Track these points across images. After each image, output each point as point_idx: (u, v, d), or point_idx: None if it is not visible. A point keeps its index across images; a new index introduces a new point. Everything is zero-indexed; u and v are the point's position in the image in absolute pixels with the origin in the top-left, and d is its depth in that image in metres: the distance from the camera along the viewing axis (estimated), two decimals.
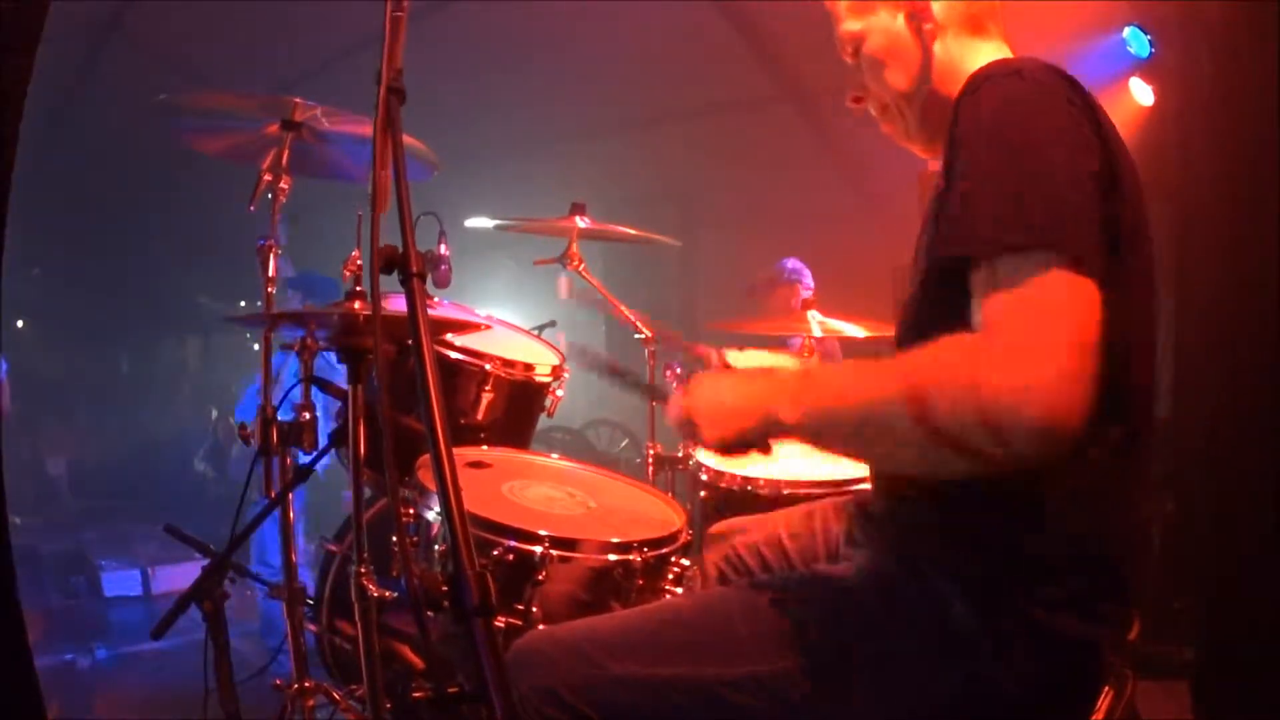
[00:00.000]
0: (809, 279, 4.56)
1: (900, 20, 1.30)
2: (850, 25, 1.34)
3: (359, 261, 2.01)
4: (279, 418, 2.05)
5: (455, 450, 0.93)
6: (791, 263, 4.59)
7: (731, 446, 1.20)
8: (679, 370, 3.45)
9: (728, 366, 1.67)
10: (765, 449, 1.21)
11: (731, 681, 1.18)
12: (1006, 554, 1.12)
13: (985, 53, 1.29)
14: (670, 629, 1.25)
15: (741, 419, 1.18)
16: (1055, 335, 0.96)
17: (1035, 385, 0.93)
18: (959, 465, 1.00)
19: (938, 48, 1.28)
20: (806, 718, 1.16)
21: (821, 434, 1.12)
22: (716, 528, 1.71)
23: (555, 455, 2.25)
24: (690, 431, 1.24)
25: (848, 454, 1.14)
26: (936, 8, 1.28)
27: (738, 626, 1.21)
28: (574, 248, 2.70)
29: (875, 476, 1.34)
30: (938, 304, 1.15)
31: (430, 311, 1.51)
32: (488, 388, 2.25)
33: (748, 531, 1.64)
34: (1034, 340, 0.96)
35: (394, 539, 1.97)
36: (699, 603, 1.32)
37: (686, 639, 1.22)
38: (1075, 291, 0.98)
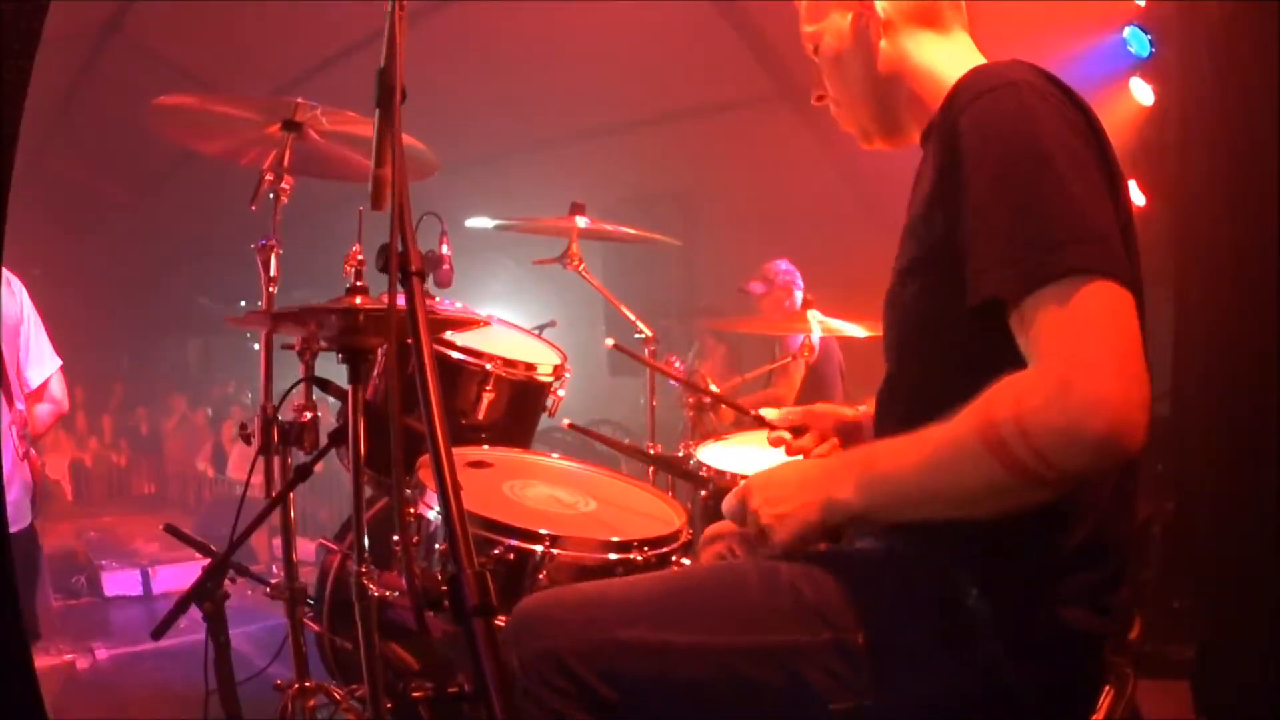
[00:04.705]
0: (799, 279, 4.58)
1: (848, 20, 1.32)
2: (808, 26, 1.37)
3: (359, 256, 2.01)
4: None
5: (456, 450, 0.93)
6: (783, 264, 4.60)
7: (803, 540, 1.18)
8: (678, 364, 3.46)
9: (760, 419, 1.67)
10: (836, 537, 1.21)
11: (743, 651, 1.17)
12: (1019, 547, 1.12)
13: (943, 47, 1.29)
14: (682, 596, 1.24)
15: (805, 511, 1.16)
16: (1105, 347, 0.97)
17: (1096, 399, 0.95)
18: (1034, 496, 1.01)
19: (885, 45, 1.29)
20: (815, 693, 1.15)
21: (885, 500, 1.12)
22: (712, 529, 1.71)
23: (555, 455, 2.25)
24: (758, 533, 1.22)
25: (915, 513, 1.11)
26: (880, 6, 1.29)
27: (752, 597, 1.20)
28: (574, 247, 2.70)
29: None
30: (925, 292, 1.17)
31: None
32: (489, 387, 2.25)
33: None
34: (1086, 356, 0.97)
35: (395, 539, 1.97)
36: (713, 571, 1.31)
37: (698, 606, 1.21)
38: (1115, 302, 1.00)
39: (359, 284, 1.74)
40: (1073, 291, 0.99)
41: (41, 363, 2.90)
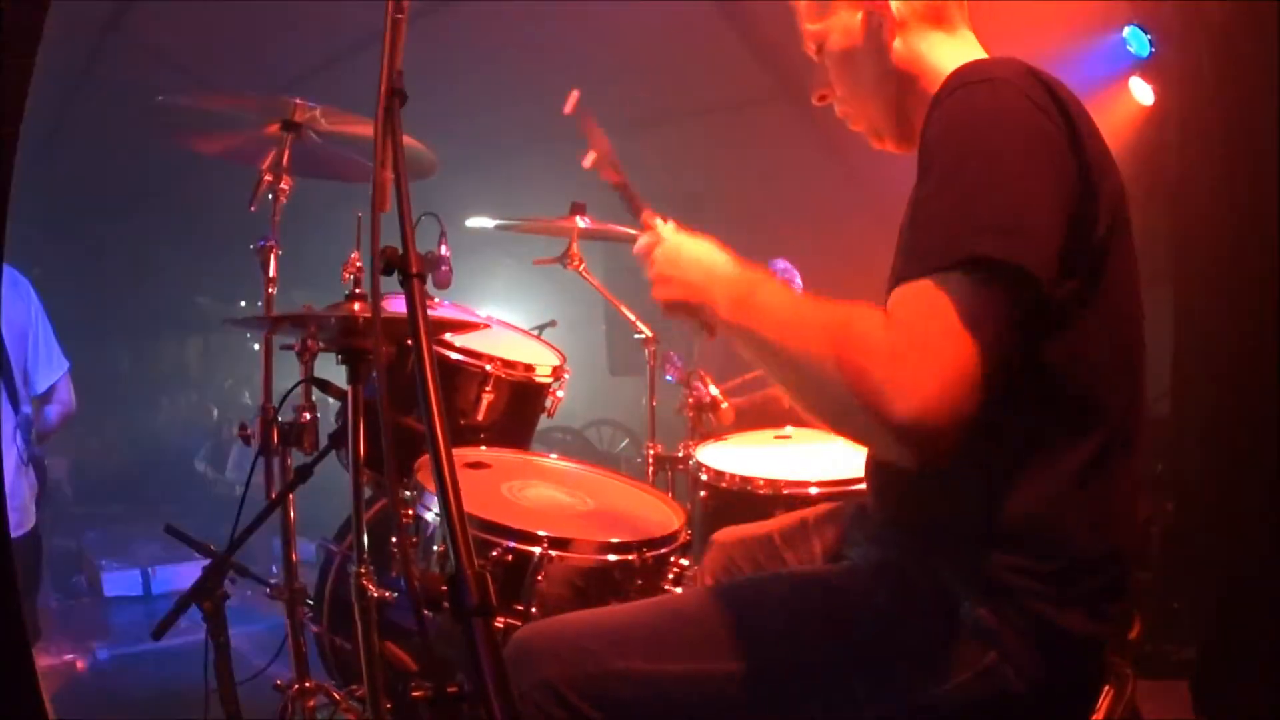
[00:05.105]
0: (798, 278, 4.59)
1: (858, 18, 1.30)
2: (811, 25, 1.35)
3: (359, 263, 2.01)
4: None
5: (455, 451, 0.93)
6: (781, 263, 4.61)
7: (670, 310, 1.28)
8: (678, 362, 3.46)
9: None
10: (703, 326, 1.27)
11: (736, 677, 1.17)
12: (1018, 551, 1.11)
13: (951, 46, 1.28)
14: (674, 623, 1.24)
15: (685, 292, 1.25)
16: (941, 350, 0.98)
17: (906, 389, 0.97)
18: (854, 428, 1.08)
19: (898, 44, 1.28)
20: (811, 714, 1.16)
21: (746, 344, 1.17)
22: (715, 536, 1.71)
23: (555, 455, 2.25)
24: (646, 275, 1.31)
25: (764, 364, 1.18)
26: (894, 5, 1.27)
27: (743, 622, 1.20)
28: (574, 247, 2.70)
29: (874, 477, 1.34)
30: None
31: (430, 312, 1.51)
32: (488, 388, 2.25)
33: (744, 539, 1.63)
34: (919, 349, 0.98)
35: (394, 540, 1.97)
36: (704, 597, 1.31)
37: (691, 634, 1.22)
38: (983, 314, 0.99)
39: (358, 291, 1.75)
40: (957, 287, 0.99)
41: (50, 365, 2.90)
